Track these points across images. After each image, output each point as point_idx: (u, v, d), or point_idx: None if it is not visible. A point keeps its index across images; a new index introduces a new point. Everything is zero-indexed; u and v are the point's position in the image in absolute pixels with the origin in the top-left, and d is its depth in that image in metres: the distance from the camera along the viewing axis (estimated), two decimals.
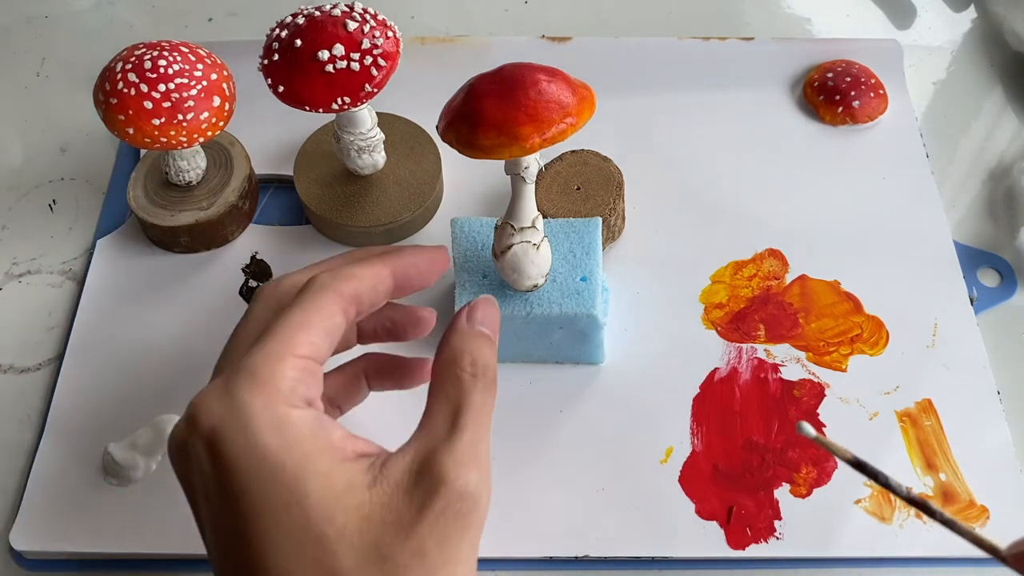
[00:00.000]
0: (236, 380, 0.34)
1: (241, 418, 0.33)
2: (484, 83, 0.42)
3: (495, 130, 0.41)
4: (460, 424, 0.35)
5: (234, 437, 0.33)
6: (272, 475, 0.32)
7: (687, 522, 0.47)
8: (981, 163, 0.62)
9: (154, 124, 0.50)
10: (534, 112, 0.41)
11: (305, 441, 0.33)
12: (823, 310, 0.54)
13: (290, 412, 0.34)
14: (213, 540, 0.34)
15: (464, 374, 0.36)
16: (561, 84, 0.42)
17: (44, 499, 0.48)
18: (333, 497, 0.33)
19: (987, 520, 0.47)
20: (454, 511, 0.33)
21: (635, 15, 0.70)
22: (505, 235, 0.45)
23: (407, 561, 0.32)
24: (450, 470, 0.33)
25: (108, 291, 0.56)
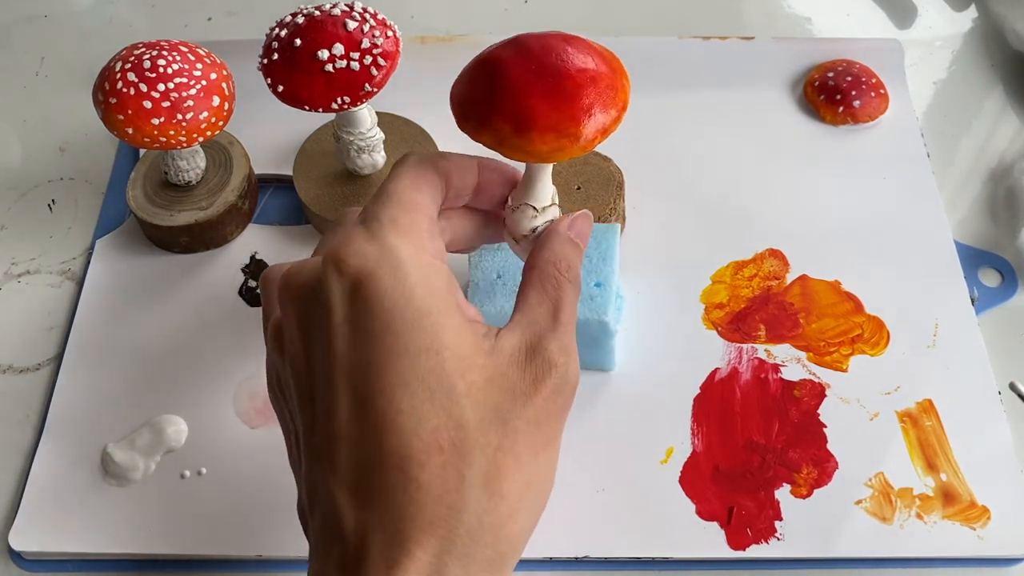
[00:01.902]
0: (379, 226, 0.36)
1: (392, 260, 0.35)
2: (516, 69, 0.37)
3: (553, 132, 0.37)
4: (561, 319, 0.37)
5: (384, 277, 0.34)
6: (417, 319, 0.34)
7: (687, 523, 0.47)
8: (982, 162, 0.62)
9: (153, 124, 0.49)
10: (591, 104, 0.37)
11: (444, 293, 0.35)
12: (824, 310, 0.54)
13: (433, 261, 0.36)
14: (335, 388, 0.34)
15: (562, 276, 0.39)
16: (599, 61, 0.38)
17: (43, 499, 0.48)
18: (464, 354, 0.34)
19: (988, 521, 0.47)
20: (560, 391, 0.36)
21: (635, 15, 0.70)
22: (527, 218, 0.42)
23: (523, 427, 0.35)
24: (558, 355, 0.36)
25: (107, 291, 0.55)
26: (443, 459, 0.33)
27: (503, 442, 0.34)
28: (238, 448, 0.50)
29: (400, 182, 0.38)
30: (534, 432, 0.35)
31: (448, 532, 0.33)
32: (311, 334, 0.36)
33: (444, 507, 0.33)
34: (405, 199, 0.37)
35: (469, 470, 0.33)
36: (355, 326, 0.34)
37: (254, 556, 0.47)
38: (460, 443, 0.34)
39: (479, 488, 0.34)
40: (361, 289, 0.34)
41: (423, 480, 0.33)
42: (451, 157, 0.40)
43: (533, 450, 0.35)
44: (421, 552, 0.33)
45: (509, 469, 0.34)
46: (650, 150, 0.61)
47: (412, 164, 0.39)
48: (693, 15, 0.70)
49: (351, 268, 0.35)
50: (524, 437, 0.35)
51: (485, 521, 0.34)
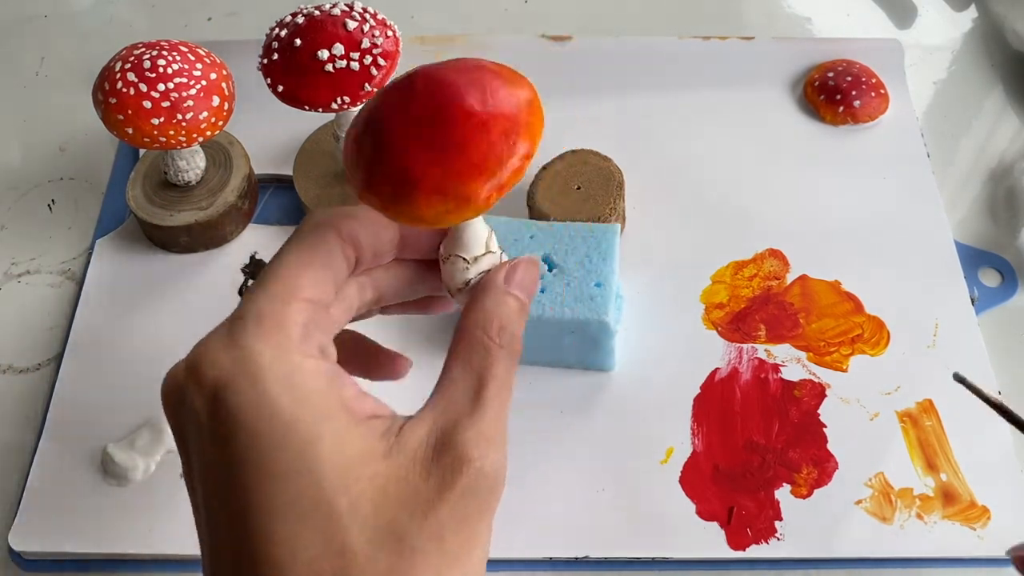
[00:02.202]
0: (242, 326, 0.31)
1: (250, 369, 0.30)
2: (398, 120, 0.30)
3: (439, 195, 0.30)
4: (484, 398, 0.32)
5: (242, 390, 0.30)
6: (283, 436, 0.29)
7: (688, 523, 0.47)
8: (982, 162, 0.62)
9: (153, 123, 0.49)
10: (481, 157, 0.30)
11: (319, 397, 0.30)
12: (824, 310, 0.54)
13: (303, 363, 0.31)
14: (206, 505, 0.31)
15: (491, 343, 0.33)
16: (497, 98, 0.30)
17: (43, 500, 0.48)
18: (347, 465, 0.29)
19: (988, 521, 0.47)
20: (475, 491, 0.31)
21: (635, 14, 0.70)
22: (458, 270, 0.35)
23: (424, 544, 0.30)
24: (473, 448, 0.31)
25: (107, 291, 0.55)
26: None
27: (398, 564, 0.29)
28: None
29: (283, 260, 0.33)
30: (438, 548, 0.30)
31: None
32: (188, 445, 0.32)
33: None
34: (279, 287, 0.32)
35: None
36: (219, 446, 0.30)
37: None
38: (343, 572, 0.29)
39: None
40: (220, 404, 0.30)
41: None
42: (359, 214, 0.34)
43: (436, 570, 0.30)
44: None
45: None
46: (650, 150, 0.61)
47: (304, 234, 0.33)
48: (693, 15, 0.70)
49: (208, 380, 0.30)
50: (424, 557, 0.30)
51: None
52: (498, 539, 0.46)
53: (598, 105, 0.63)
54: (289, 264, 0.32)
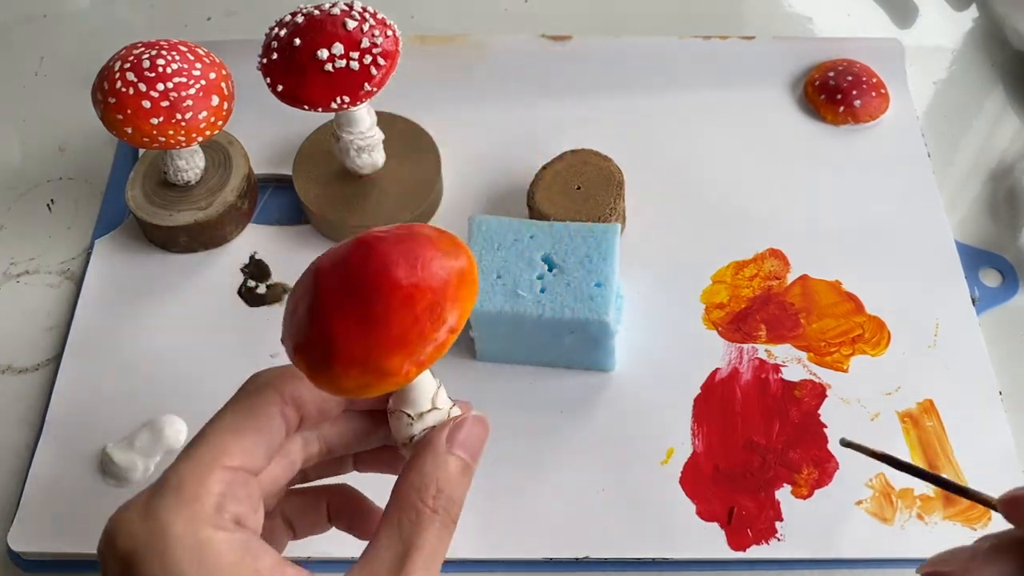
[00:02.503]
0: (159, 497, 0.31)
1: (160, 542, 0.30)
2: (330, 286, 0.30)
3: (358, 368, 0.30)
4: (408, 568, 0.31)
5: (149, 561, 0.30)
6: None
7: (688, 523, 0.47)
8: (982, 162, 0.62)
9: (152, 123, 0.49)
10: (404, 331, 0.29)
11: (229, 569, 0.30)
12: (824, 310, 0.54)
13: (214, 535, 0.31)
14: None
15: (424, 508, 0.32)
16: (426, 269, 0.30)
17: (42, 500, 0.48)
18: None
19: (988, 520, 0.47)
20: None
21: (636, 14, 0.70)
22: (403, 425, 0.35)
23: None
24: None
25: (107, 291, 0.55)
26: None
27: None
28: None
29: (216, 424, 0.33)
30: None
31: None
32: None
33: None
34: (205, 453, 0.32)
35: None
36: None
37: None
38: None
39: None
40: (130, 572, 0.31)
41: None
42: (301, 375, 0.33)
43: None
44: None
45: None
46: (650, 150, 0.60)
47: (243, 396, 0.34)
48: (693, 15, 0.70)
49: (120, 550, 0.31)
50: None
51: None
52: (498, 539, 0.46)
53: (598, 105, 0.63)
54: (221, 430, 0.33)
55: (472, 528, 0.46)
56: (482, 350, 0.51)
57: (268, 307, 0.55)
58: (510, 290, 0.48)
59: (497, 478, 0.48)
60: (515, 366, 0.52)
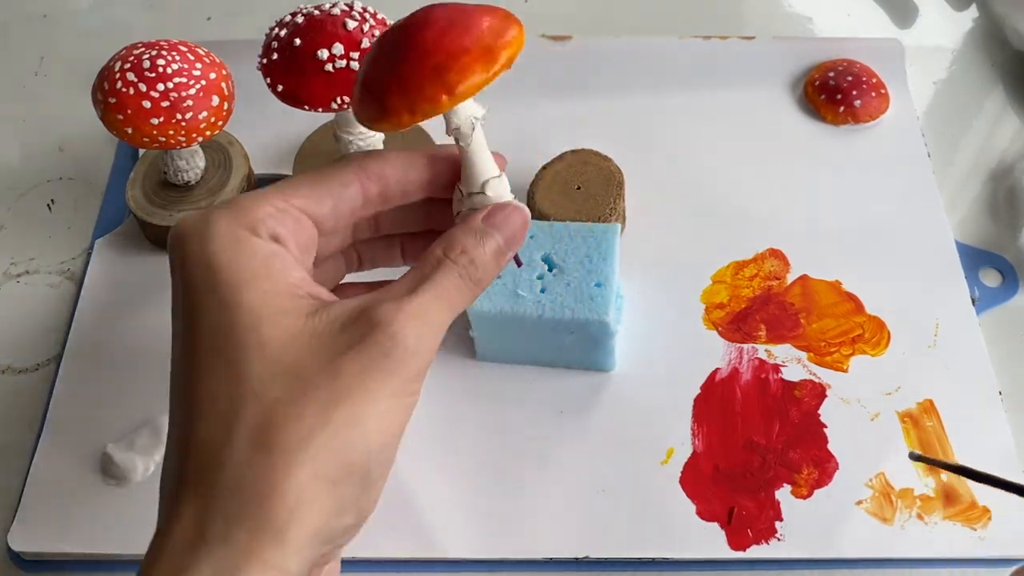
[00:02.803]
0: (218, 205, 0.36)
1: (202, 229, 0.35)
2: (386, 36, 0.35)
3: (372, 100, 0.35)
4: (418, 291, 0.34)
5: (191, 242, 0.35)
6: (214, 281, 0.34)
7: (688, 523, 0.47)
8: (983, 162, 0.62)
9: (153, 123, 0.49)
10: (404, 82, 0.34)
11: (255, 262, 0.34)
12: (824, 310, 0.54)
13: (249, 237, 0.35)
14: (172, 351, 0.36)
15: (445, 259, 0.35)
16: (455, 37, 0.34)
17: (43, 500, 0.48)
18: (266, 313, 0.33)
19: (988, 521, 0.47)
20: (384, 351, 0.33)
21: (635, 14, 0.70)
22: (456, 200, 0.39)
23: (318, 380, 0.32)
24: (388, 315, 0.33)
25: (107, 291, 0.55)
26: (215, 412, 0.32)
27: (284, 394, 0.32)
28: None
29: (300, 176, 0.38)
30: (329, 386, 0.32)
31: (208, 487, 0.32)
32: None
33: (206, 460, 0.32)
34: (276, 188, 0.37)
35: (237, 421, 0.32)
36: (174, 289, 0.36)
37: None
38: (236, 395, 0.32)
39: (244, 440, 0.32)
40: (175, 252, 0.36)
41: (193, 435, 0.33)
42: (391, 156, 0.38)
43: (322, 405, 0.32)
44: (185, 509, 0.32)
45: (285, 420, 0.32)
46: (650, 150, 0.61)
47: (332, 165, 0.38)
48: (693, 15, 0.70)
49: (175, 237, 0.36)
50: (314, 392, 0.32)
51: (248, 476, 0.31)
52: (498, 539, 0.46)
53: (599, 105, 0.63)
54: (296, 179, 0.37)
55: (472, 528, 0.47)
56: (482, 350, 0.51)
57: None
58: (510, 290, 0.48)
59: (497, 478, 0.48)
60: (515, 366, 0.52)
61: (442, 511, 0.47)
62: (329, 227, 0.38)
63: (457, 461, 0.49)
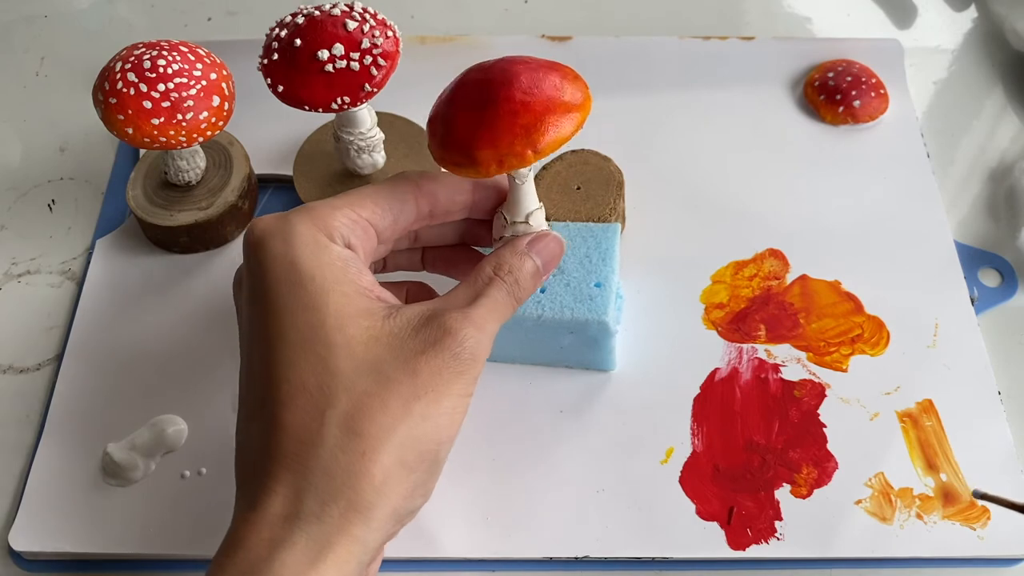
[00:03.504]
0: (296, 211, 0.40)
1: (285, 231, 0.38)
2: (467, 86, 0.40)
3: (458, 150, 0.39)
4: (477, 303, 0.39)
5: (275, 244, 0.38)
6: (299, 281, 0.37)
7: (688, 523, 0.47)
8: (982, 163, 0.62)
9: (153, 124, 0.49)
10: (495, 135, 0.38)
11: (335, 267, 0.38)
12: (824, 310, 0.54)
13: (329, 243, 0.39)
14: (241, 343, 0.39)
15: (495, 277, 0.40)
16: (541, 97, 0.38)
17: (43, 499, 0.48)
18: (348, 314, 0.37)
19: (988, 521, 0.47)
20: (453, 355, 0.37)
21: (635, 14, 0.70)
22: (498, 226, 0.44)
23: (399, 377, 0.36)
24: (458, 324, 0.38)
25: (107, 291, 0.55)
26: (307, 401, 0.36)
27: (371, 388, 0.36)
28: None
29: (362, 189, 0.41)
30: (409, 383, 0.36)
31: (303, 468, 0.35)
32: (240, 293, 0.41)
33: (300, 443, 0.35)
34: (344, 200, 0.40)
35: (331, 410, 0.36)
36: (251, 287, 0.39)
37: None
38: (327, 387, 0.36)
39: (337, 426, 0.35)
40: (257, 252, 0.38)
41: (285, 420, 0.36)
42: (443, 178, 0.43)
43: (404, 399, 0.36)
44: (279, 486, 0.35)
45: (372, 411, 0.36)
46: (650, 150, 0.61)
47: (394, 178, 0.42)
48: (693, 15, 0.70)
49: (254, 237, 0.39)
50: (397, 386, 0.36)
51: (341, 459, 0.35)
52: (498, 539, 0.46)
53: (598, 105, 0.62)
54: (361, 192, 0.41)
55: (472, 528, 0.47)
56: None
57: None
58: None
59: (497, 478, 0.48)
60: (515, 366, 0.52)
61: (442, 511, 0.47)
62: (386, 237, 0.42)
63: (457, 461, 0.49)
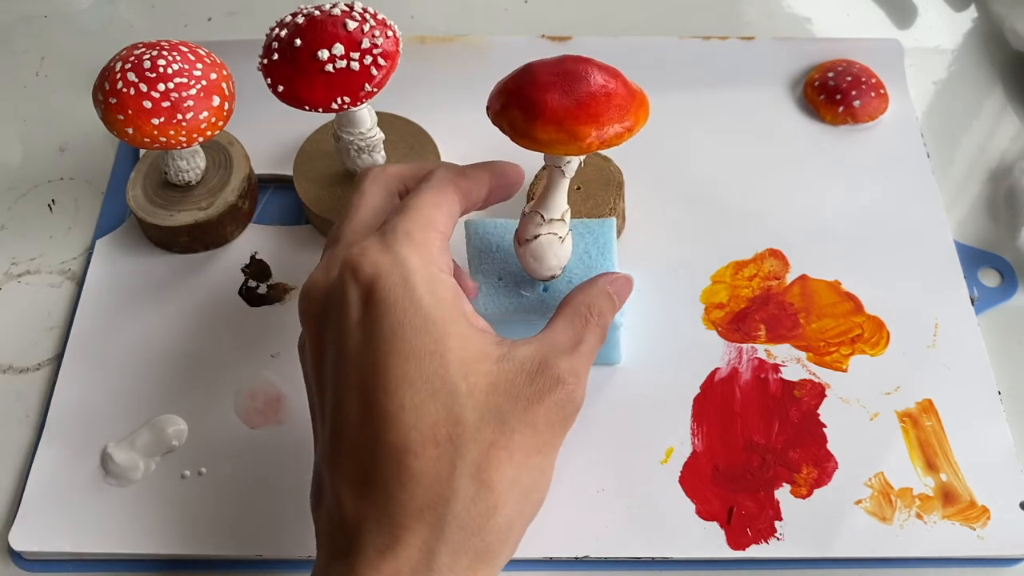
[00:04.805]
0: (394, 238, 0.39)
1: (402, 270, 0.37)
2: (545, 73, 0.41)
3: (554, 125, 0.40)
4: (579, 349, 0.40)
5: (394, 285, 0.37)
6: (424, 325, 0.37)
7: (687, 522, 0.47)
8: (982, 162, 0.62)
9: (153, 124, 0.49)
10: (596, 112, 0.40)
11: (450, 303, 0.38)
12: (824, 310, 0.54)
13: (440, 274, 0.39)
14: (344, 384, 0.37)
15: (591, 317, 0.42)
16: (622, 86, 0.42)
17: (43, 499, 0.48)
18: (468, 358, 0.37)
19: (988, 521, 0.47)
20: (562, 406, 0.38)
21: (635, 14, 0.70)
22: (533, 224, 0.45)
23: (520, 428, 0.37)
24: (567, 375, 0.38)
25: (107, 291, 0.55)
26: (438, 451, 0.36)
27: (498, 439, 0.36)
28: (238, 448, 0.50)
29: (421, 198, 0.41)
30: (530, 435, 0.37)
31: (437, 519, 0.35)
32: (325, 336, 0.39)
33: (434, 495, 0.35)
34: (423, 215, 0.40)
35: (461, 461, 0.36)
36: (367, 329, 0.37)
37: (254, 556, 0.47)
38: (456, 437, 0.36)
39: (468, 478, 0.36)
40: (374, 295, 0.37)
41: (417, 470, 0.35)
42: (471, 175, 0.44)
43: (526, 451, 0.37)
44: (411, 537, 0.35)
45: (500, 463, 0.36)
46: (650, 150, 0.61)
47: (437, 182, 0.42)
48: (693, 15, 0.70)
49: (366, 275, 0.37)
50: (520, 437, 0.37)
51: (472, 510, 0.36)
52: None
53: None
54: (427, 201, 0.41)
55: None
56: None
57: (269, 307, 0.55)
58: (513, 292, 0.48)
59: None
60: None
61: None
62: None
63: None
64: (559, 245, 0.46)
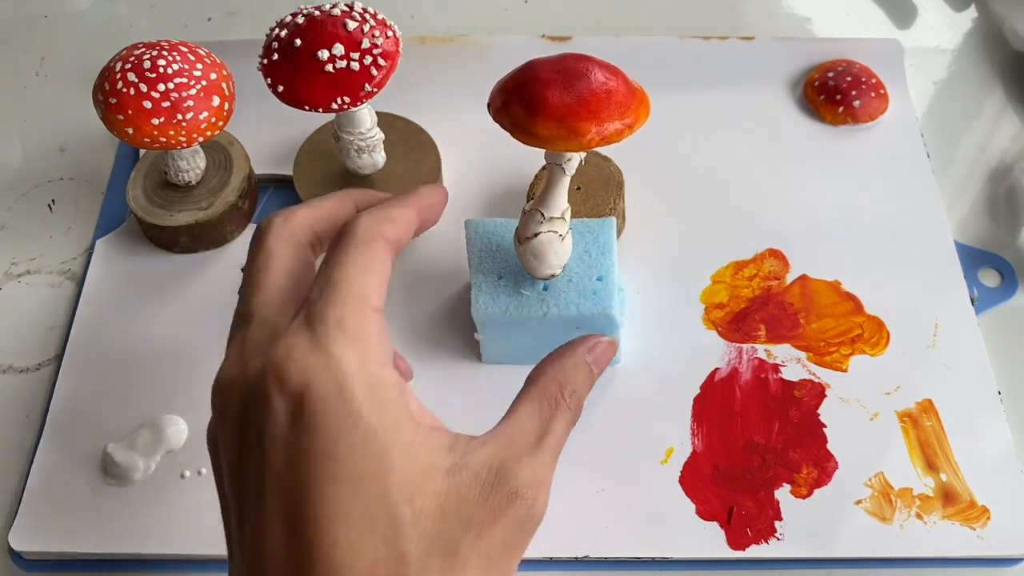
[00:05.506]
0: (324, 332, 0.32)
1: (336, 375, 0.31)
2: (547, 70, 0.41)
3: (555, 121, 0.41)
4: (544, 444, 0.35)
5: (328, 395, 0.31)
6: (363, 441, 0.31)
7: (687, 523, 0.47)
8: (982, 162, 0.62)
9: (153, 124, 0.49)
10: (596, 108, 0.41)
11: (393, 406, 0.32)
12: (824, 310, 0.54)
13: (382, 372, 0.32)
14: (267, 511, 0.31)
15: (562, 400, 0.37)
16: (622, 83, 0.42)
17: (43, 499, 0.48)
18: (415, 475, 0.32)
19: (988, 520, 0.47)
20: (521, 524, 0.33)
21: (635, 14, 0.70)
22: (533, 222, 0.45)
23: (474, 559, 0.32)
24: (528, 488, 0.34)
25: (107, 291, 0.55)
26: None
27: (445, 573, 0.31)
28: None
29: (347, 265, 0.34)
30: (484, 566, 0.32)
31: None
32: (245, 446, 0.33)
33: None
34: (353, 292, 0.34)
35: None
36: (295, 447, 0.31)
37: None
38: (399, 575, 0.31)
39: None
40: (303, 407, 0.31)
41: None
42: (396, 218, 0.37)
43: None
44: None
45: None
46: (650, 150, 0.61)
47: (361, 239, 0.35)
48: (693, 15, 0.70)
49: (294, 384, 0.31)
50: (473, 571, 0.32)
51: None
52: None
53: None
54: (356, 271, 0.34)
55: None
56: (487, 352, 0.51)
57: None
58: (513, 291, 0.48)
59: None
60: (520, 367, 0.51)
61: None
62: None
63: None
64: (559, 243, 0.46)
